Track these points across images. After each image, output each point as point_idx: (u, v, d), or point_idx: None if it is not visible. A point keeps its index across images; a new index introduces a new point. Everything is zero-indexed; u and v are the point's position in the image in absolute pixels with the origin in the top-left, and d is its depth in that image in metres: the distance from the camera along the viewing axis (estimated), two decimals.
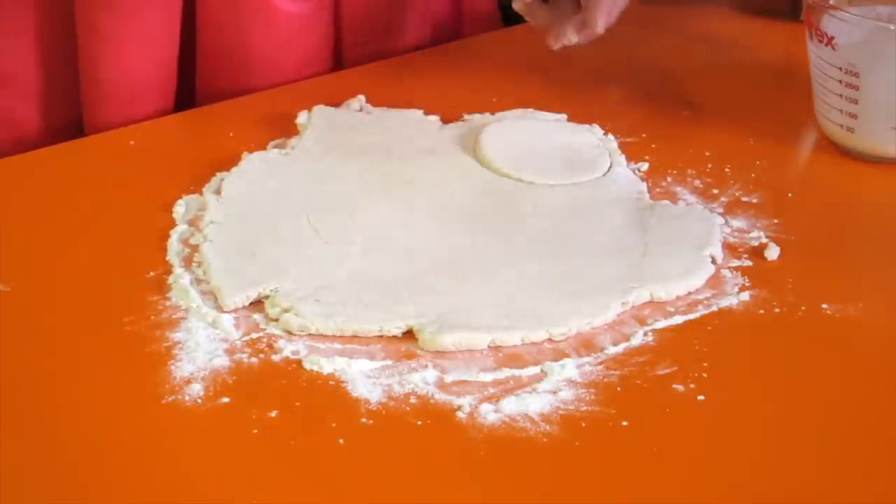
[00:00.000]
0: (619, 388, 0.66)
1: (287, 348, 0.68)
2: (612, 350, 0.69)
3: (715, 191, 0.84)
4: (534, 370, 0.67)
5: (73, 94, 0.94)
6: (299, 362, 0.67)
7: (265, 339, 0.69)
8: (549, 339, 0.69)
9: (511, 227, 0.79)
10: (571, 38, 0.89)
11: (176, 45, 0.94)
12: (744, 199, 0.83)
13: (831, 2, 0.85)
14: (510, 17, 1.08)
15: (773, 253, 0.77)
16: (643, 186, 0.84)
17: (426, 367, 0.67)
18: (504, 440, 0.62)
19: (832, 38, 0.84)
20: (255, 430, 0.63)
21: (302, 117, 0.90)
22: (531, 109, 0.93)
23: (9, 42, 0.93)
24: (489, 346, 0.69)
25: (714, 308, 0.72)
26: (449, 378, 0.66)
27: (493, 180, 0.84)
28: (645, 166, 0.87)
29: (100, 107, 0.93)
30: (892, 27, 0.82)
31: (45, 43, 0.93)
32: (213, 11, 0.94)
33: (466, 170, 0.85)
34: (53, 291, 0.73)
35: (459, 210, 0.81)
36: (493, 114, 0.92)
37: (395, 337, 0.69)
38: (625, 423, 0.64)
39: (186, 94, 0.97)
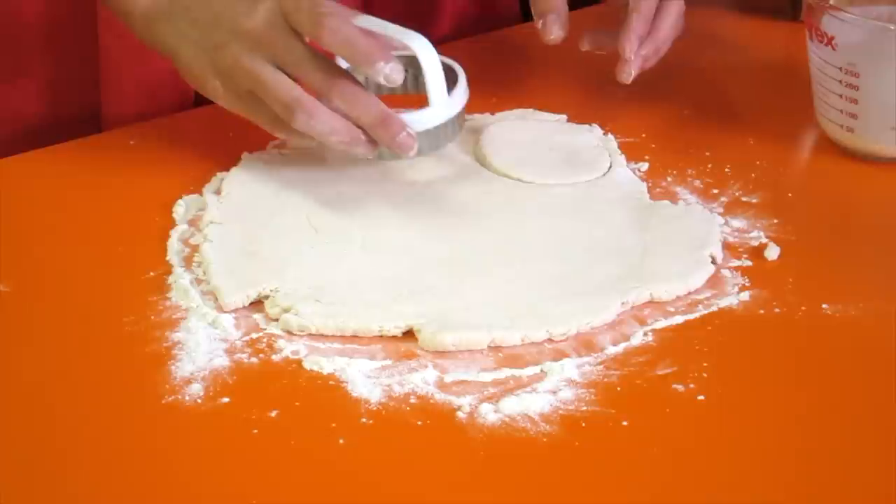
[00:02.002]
0: (619, 388, 0.66)
1: (287, 348, 0.68)
2: (612, 350, 0.69)
3: (715, 191, 0.84)
4: (534, 370, 0.67)
5: (85, 89, 0.94)
6: (299, 362, 0.67)
7: (265, 339, 0.69)
8: (549, 339, 0.69)
9: (511, 227, 0.79)
10: (633, 70, 0.88)
11: None
12: (744, 199, 0.83)
13: (831, 2, 0.85)
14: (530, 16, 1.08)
15: (773, 253, 0.77)
16: (643, 186, 0.84)
17: (426, 367, 0.67)
18: (504, 440, 0.62)
19: (832, 38, 0.84)
20: (255, 430, 0.63)
21: None
22: (531, 109, 0.93)
23: (20, 36, 0.93)
24: (489, 346, 0.69)
25: (714, 308, 0.72)
26: (449, 378, 0.66)
27: (493, 180, 0.84)
28: (645, 166, 0.87)
29: (120, 101, 0.93)
30: (892, 27, 0.82)
31: (57, 37, 0.93)
32: None
33: (466, 170, 0.85)
34: (53, 291, 0.73)
35: (459, 210, 0.81)
36: (493, 114, 0.92)
37: (395, 337, 0.69)
38: (625, 423, 0.64)
39: None
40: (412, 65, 0.82)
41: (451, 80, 0.82)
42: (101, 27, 0.91)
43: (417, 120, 0.79)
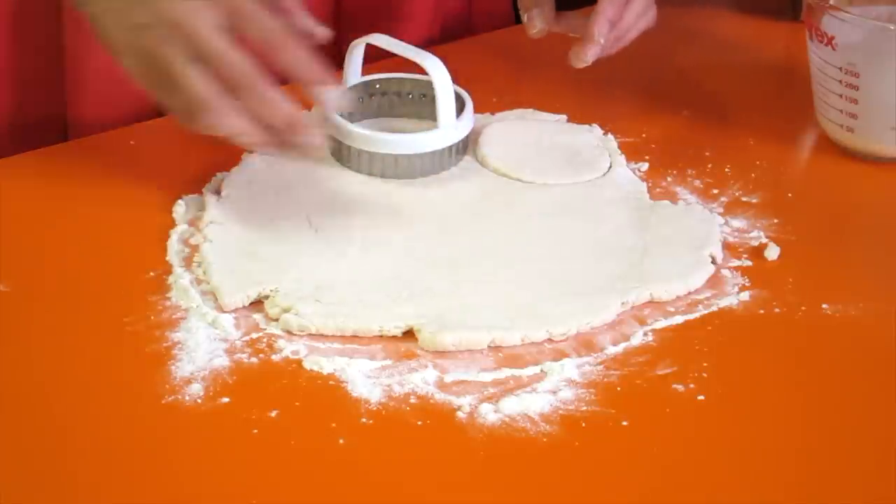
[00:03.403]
0: (619, 388, 0.66)
1: (287, 348, 0.68)
2: (612, 350, 0.69)
3: (715, 191, 0.84)
4: (534, 370, 0.67)
5: (55, 86, 0.93)
6: (299, 362, 0.67)
7: (265, 339, 0.69)
8: (549, 339, 0.69)
9: (511, 227, 0.79)
10: (587, 59, 0.88)
11: None
12: (744, 199, 0.83)
13: (831, 2, 0.85)
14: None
15: (773, 253, 0.77)
16: (643, 186, 0.84)
17: (426, 367, 0.67)
18: (504, 440, 0.62)
19: (832, 38, 0.84)
20: (255, 430, 0.63)
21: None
22: (531, 109, 0.93)
23: None
24: (489, 346, 0.69)
25: (714, 308, 0.73)
26: (449, 378, 0.66)
27: (493, 180, 0.84)
28: (645, 166, 0.87)
29: (84, 97, 0.92)
30: (892, 27, 0.82)
31: (24, 33, 0.92)
32: None
33: (466, 170, 0.85)
34: (53, 291, 0.73)
35: (459, 210, 0.81)
36: (493, 114, 0.92)
37: (395, 337, 0.69)
38: (625, 423, 0.64)
39: None
40: (418, 88, 0.84)
41: (458, 107, 0.83)
42: (66, 16, 0.90)
43: (425, 140, 0.80)
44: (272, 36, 0.75)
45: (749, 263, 0.76)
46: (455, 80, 0.84)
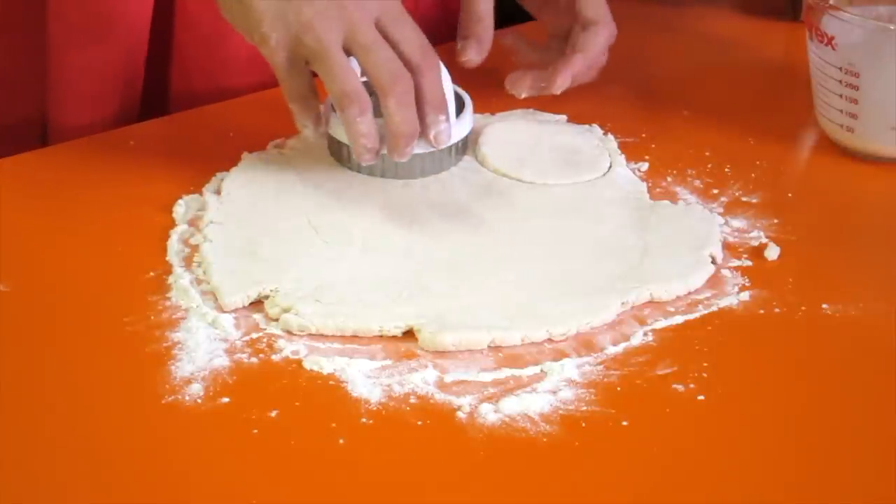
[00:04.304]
0: (619, 388, 0.66)
1: (287, 348, 0.68)
2: (612, 350, 0.69)
3: (715, 191, 0.84)
4: (534, 370, 0.67)
5: (34, 87, 0.93)
6: (299, 362, 0.67)
7: (265, 339, 0.69)
8: (549, 339, 0.70)
9: (511, 227, 0.79)
10: (521, 93, 0.90)
11: (146, 35, 0.93)
12: (744, 199, 0.83)
13: (831, 2, 0.85)
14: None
15: (773, 253, 0.77)
16: (643, 186, 0.84)
17: (426, 367, 0.67)
18: (504, 440, 0.62)
19: (832, 38, 0.84)
20: (255, 430, 0.63)
21: None
22: (531, 109, 0.93)
23: None
24: (489, 346, 0.69)
25: (714, 308, 0.73)
26: (449, 378, 0.66)
27: (493, 180, 0.84)
28: (645, 166, 0.87)
29: (64, 98, 0.92)
30: (892, 27, 0.82)
31: (5, 32, 0.92)
32: (190, 8, 0.93)
33: (466, 170, 0.85)
34: (53, 291, 0.73)
35: (459, 210, 0.81)
36: (493, 114, 0.92)
37: (395, 337, 0.69)
38: (625, 423, 0.64)
39: (159, 97, 0.96)
40: None
41: (458, 107, 0.83)
42: (50, 14, 0.90)
43: (424, 140, 0.80)
44: (418, 54, 0.77)
45: (749, 263, 0.76)
46: (455, 80, 0.84)
